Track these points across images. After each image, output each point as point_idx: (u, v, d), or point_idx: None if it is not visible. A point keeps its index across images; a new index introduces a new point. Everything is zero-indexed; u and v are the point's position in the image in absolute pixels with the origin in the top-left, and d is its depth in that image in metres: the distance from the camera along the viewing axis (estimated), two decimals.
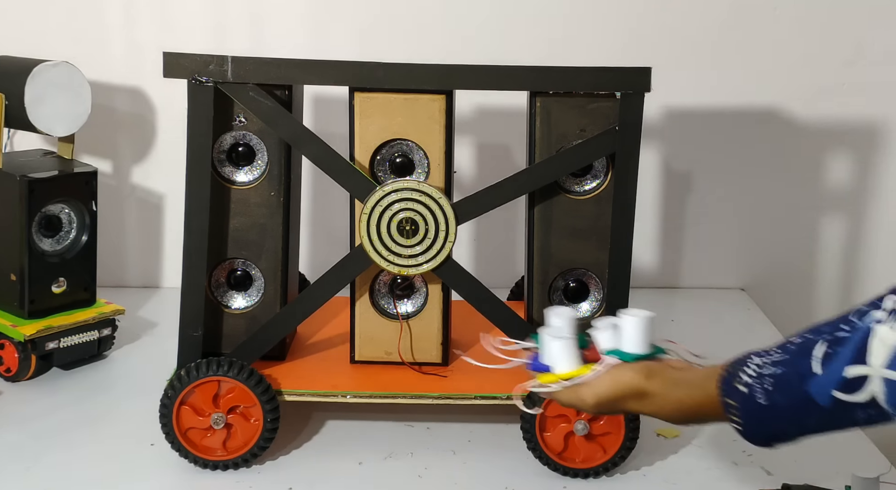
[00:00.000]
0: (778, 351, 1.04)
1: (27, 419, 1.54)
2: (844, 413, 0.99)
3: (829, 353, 0.98)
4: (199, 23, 2.00)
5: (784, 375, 1.02)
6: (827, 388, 0.98)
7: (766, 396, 1.03)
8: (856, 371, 0.96)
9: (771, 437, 1.06)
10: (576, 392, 1.13)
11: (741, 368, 1.06)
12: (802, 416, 1.02)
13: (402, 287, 1.51)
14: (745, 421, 1.06)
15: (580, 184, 1.47)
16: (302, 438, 1.49)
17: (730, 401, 1.06)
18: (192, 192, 1.42)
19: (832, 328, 1.00)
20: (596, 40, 2.01)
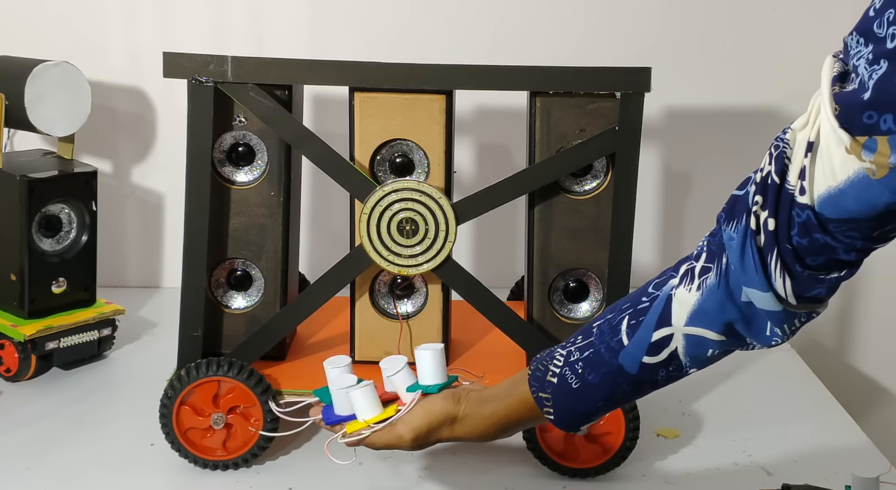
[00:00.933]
0: (581, 336, 1.12)
1: (27, 419, 1.54)
2: (649, 375, 1.08)
3: (633, 323, 1.08)
4: (199, 23, 2.00)
5: (594, 355, 1.10)
6: (636, 355, 1.08)
7: (578, 378, 1.10)
8: (661, 333, 1.06)
9: (582, 417, 1.13)
10: (391, 432, 1.14)
11: (550, 361, 1.13)
12: (613, 388, 1.10)
13: (402, 287, 1.51)
14: (556, 407, 1.12)
15: (580, 184, 1.47)
16: (302, 438, 1.49)
17: (542, 394, 1.12)
18: (192, 192, 1.42)
19: (634, 302, 1.09)
20: (596, 40, 2.02)
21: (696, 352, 1.06)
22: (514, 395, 1.14)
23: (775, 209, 0.98)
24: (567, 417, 1.12)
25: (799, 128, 0.98)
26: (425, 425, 1.14)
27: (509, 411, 1.14)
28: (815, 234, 0.96)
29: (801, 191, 0.96)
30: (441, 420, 1.14)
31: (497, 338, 1.53)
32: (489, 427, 1.15)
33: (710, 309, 1.04)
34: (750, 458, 1.48)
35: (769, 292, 1.00)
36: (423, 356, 1.17)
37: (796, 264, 0.98)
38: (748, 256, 1.00)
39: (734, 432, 1.55)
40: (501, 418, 1.15)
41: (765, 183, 0.99)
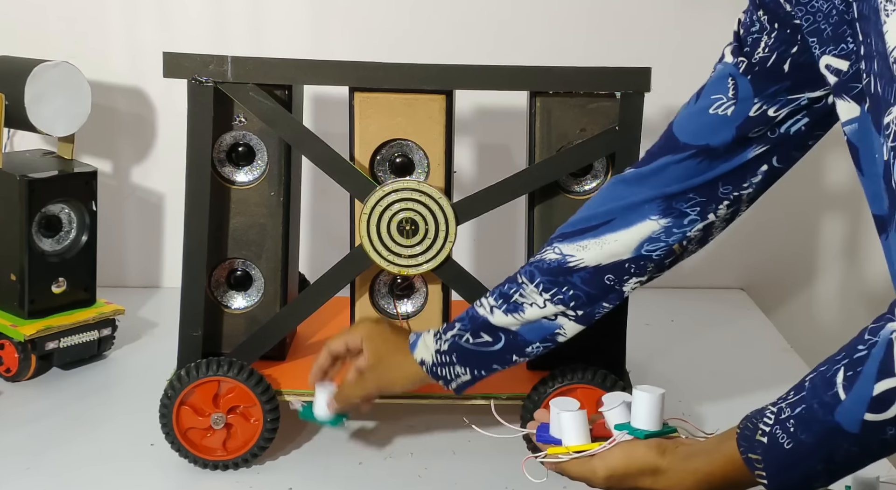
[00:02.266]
0: (793, 391, 1.02)
1: (27, 419, 1.54)
2: (875, 435, 0.96)
3: (850, 375, 0.95)
4: (199, 23, 2.00)
5: (806, 411, 0.99)
6: (856, 412, 0.95)
7: (790, 438, 1.00)
8: (884, 385, 0.93)
9: (800, 482, 1.02)
10: (587, 464, 1.11)
11: (759, 419, 1.03)
12: (831, 449, 0.98)
13: (402, 287, 1.51)
14: (770, 471, 1.02)
15: (580, 184, 1.47)
16: (302, 438, 1.49)
17: (752, 455, 1.03)
18: (192, 192, 1.42)
19: (849, 351, 0.97)
20: (596, 40, 2.01)
21: None
22: (722, 452, 1.05)
23: None
24: (783, 482, 1.01)
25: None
26: (622, 468, 1.10)
27: (715, 469, 1.05)
28: None
29: None
30: (640, 467, 1.09)
31: None
32: (692, 484, 1.07)
33: None
34: None
35: None
36: (639, 398, 1.12)
37: None
38: None
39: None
40: (706, 476, 1.06)
41: None
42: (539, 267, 1.30)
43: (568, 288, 1.28)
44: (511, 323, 1.30)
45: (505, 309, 1.30)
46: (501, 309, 1.31)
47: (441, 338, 1.33)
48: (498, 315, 1.31)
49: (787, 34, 1.13)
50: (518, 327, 1.31)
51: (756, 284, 2.14)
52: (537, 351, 1.32)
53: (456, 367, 1.33)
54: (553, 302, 1.29)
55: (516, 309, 1.30)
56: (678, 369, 1.76)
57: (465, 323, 1.33)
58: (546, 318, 1.30)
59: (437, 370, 1.33)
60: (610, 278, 1.28)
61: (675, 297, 2.09)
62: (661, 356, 1.79)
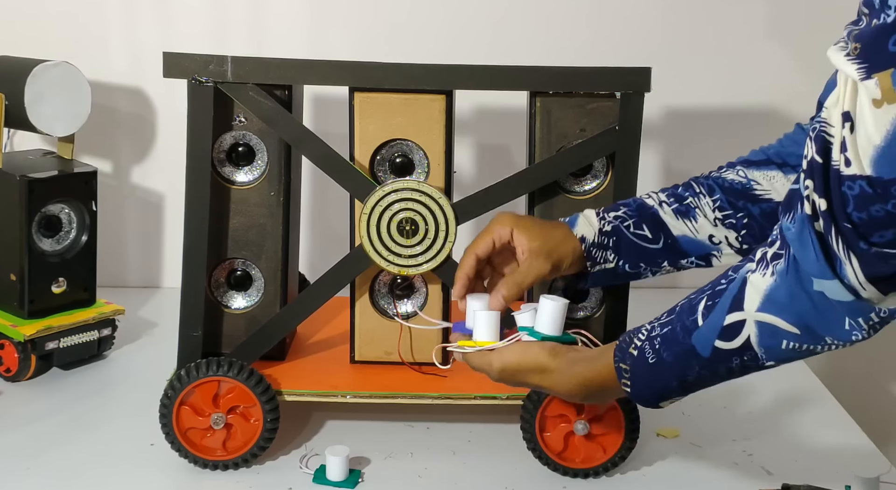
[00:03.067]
0: (666, 313, 1.13)
1: (27, 419, 1.54)
2: (722, 361, 1.07)
3: (709, 305, 1.07)
4: (199, 23, 2.00)
5: (671, 333, 1.10)
6: (708, 338, 1.07)
7: (654, 354, 1.11)
8: (733, 318, 1.04)
9: (658, 395, 1.14)
10: (485, 357, 1.23)
11: (635, 335, 1.14)
12: (685, 369, 1.10)
13: (402, 287, 1.51)
14: (633, 381, 1.14)
15: (580, 184, 1.47)
16: (302, 438, 1.49)
17: (623, 365, 1.14)
18: (192, 192, 1.42)
19: (713, 284, 1.08)
20: (596, 40, 2.02)
21: (770, 343, 1.04)
22: (602, 360, 1.16)
23: (825, 189, 0.95)
24: (642, 392, 1.14)
25: (832, 104, 0.96)
26: (515, 363, 1.20)
27: (594, 375, 1.17)
28: (872, 205, 0.93)
29: (847, 163, 0.93)
30: (531, 365, 1.19)
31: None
32: (574, 386, 1.18)
33: (781, 296, 1.01)
34: (750, 458, 1.48)
35: (835, 280, 0.97)
36: (544, 305, 1.23)
37: (860, 241, 0.94)
38: (808, 244, 0.97)
39: (734, 432, 1.55)
40: (586, 380, 1.17)
41: (811, 166, 0.97)
42: (720, 183, 1.30)
43: (744, 215, 1.29)
44: (677, 227, 1.31)
45: (676, 209, 1.31)
46: (672, 207, 1.31)
47: (605, 219, 1.32)
48: (667, 212, 1.31)
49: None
50: (680, 235, 1.31)
51: None
52: (690, 265, 1.33)
53: (609, 253, 1.32)
54: (724, 224, 1.29)
55: (687, 213, 1.30)
56: None
57: (631, 208, 1.32)
58: (712, 236, 1.30)
59: (593, 250, 1.32)
60: None
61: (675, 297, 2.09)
62: None
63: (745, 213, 1.29)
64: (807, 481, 1.35)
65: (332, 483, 1.37)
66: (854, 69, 0.93)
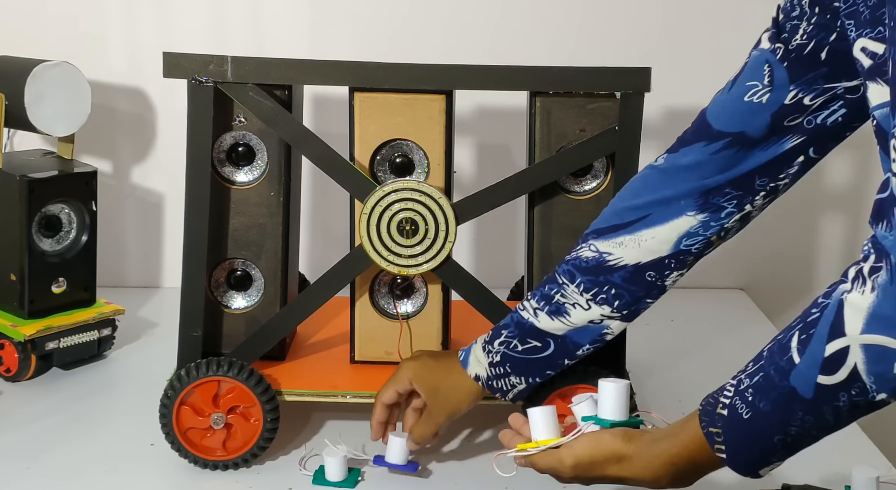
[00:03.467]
0: (752, 362, 1.03)
1: (27, 419, 1.54)
2: (828, 401, 0.96)
3: (803, 338, 0.96)
4: (199, 23, 2.00)
5: (764, 379, 1.00)
6: (809, 374, 0.96)
7: (749, 407, 1.00)
8: (835, 346, 0.94)
9: (759, 456, 1.03)
10: (554, 455, 1.13)
11: (720, 393, 1.04)
12: (787, 417, 0.99)
13: (402, 287, 1.51)
14: (729, 445, 1.02)
15: (580, 184, 1.47)
16: (302, 438, 1.49)
17: (713, 429, 1.03)
18: (192, 192, 1.42)
19: (804, 316, 0.98)
20: (596, 40, 2.01)
21: (881, 369, 0.92)
22: (686, 432, 1.06)
23: None
24: (741, 456, 1.02)
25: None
26: (588, 456, 1.11)
27: (680, 451, 1.06)
28: None
29: None
30: (606, 455, 1.10)
31: None
32: (659, 468, 1.07)
33: (888, 310, 0.90)
34: None
35: None
36: (605, 388, 1.14)
37: None
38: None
39: None
40: (672, 458, 1.06)
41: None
42: (577, 266, 1.29)
43: (609, 287, 1.27)
44: (558, 328, 1.30)
45: (548, 311, 1.30)
46: (545, 311, 1.30)
47: (491, 350, 1.33)
48: (543, 318, 1.30)
49: (826, 20, 1.12)
50: (565, 332, 1.30)
51: (756, 284, 2.14)
52: (587, 352, 1.32)
53: (511, 378, 1.33)
54: (596, 302, 1.28)
55: (560, 311, 1.29)
56: (678, 369, 1.76)
57: (511, 329, 1.32)
58: (592, 321, 1.29)
59: (492, 383, 1.34)
60: (651, 275, 1.27)
61: (675, 297, 2.08)
62: (661, 356, 1.79)
63: (609, 285, 1.27)
64: (807, 481, 1.34)
65: (331, 483, 1.37)
66: None
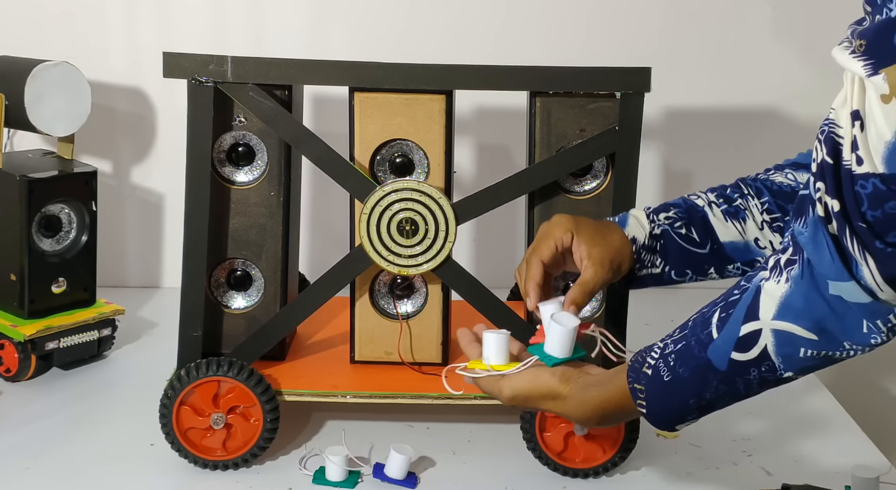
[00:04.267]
0: (678, 329, 1.11)
1: (27, 419, 1.54)
2: (740, 374, 1.05)
3: (723, 317, 1.05)
4: (199, 23, 2.00)
5: (685, 348, 1.08)
6: (724, 350, 1.04)
7: (669, 371, 1.08)
8: (749, 328, 1.03)
9: (675, 415, 1.11)
10: (496, 383, 1.20)
11: (647, 353, 1.12)
12: (703, 385, 1.07)
13: (402, 287, 1.51)
14: (649, 401, 1.11)
15: (580, 184, 1.47)
16: (302, 438, 1.49)
17: (637, 385, 1.11)
18: (192, 192, 1.42)
19: (726, 295, 1.06)
20: (596, 40, 2.02)
21: (788, 351, 1.02)
22: (615, 382, 1.14)
23: (837, 189, 0.94)
24: (658, 413, 1.11)
25: (840, 105, 0.95)
26: (525, 391, 1.18)
27: (608, 397, 1.14)
28: (887, 203, 0.92)
29: (859, 162, 0.92)
30: (543, 392, 1.17)
31: None
32: (589, 410, 1.15)
33: (797, 302, 0.99)
34: (750, 458, 1.48)
35: (851, 281, 0.95)
36: (553, 328, 1.20)
37: (875, 240, 0.93)
38: (822, 246, 0.96)
39: (734, 432, 1.55)
40: (601, 404, 1.14)
41: (821, 168, 0.95)
42: (768, 186, 1.28)
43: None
44: (723, 231, 1.29)
45: (725, 210, 1.28)
46: (721, 208, 1.29)
47: (656, 220, 1.30)
48: (716, 214, 1.29)
49: None
50: (727, 241, 1.29)
51: None
52: (735, 272, 1.31)
53: (656, 257, 1.30)
54: (772, 227, 1.27)
55: (736, 215, 1.28)
56: None
57: (681, 209, 1.30)
58: (758, 240, 1.28)
59: (642, 253, 1.30)
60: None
61: (675, 297, 2.09)
62: None
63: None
64: (807, 481, 1.35)
65: (331, 483, 1.37)
66: (860, 66, 0.92)
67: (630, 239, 1.29)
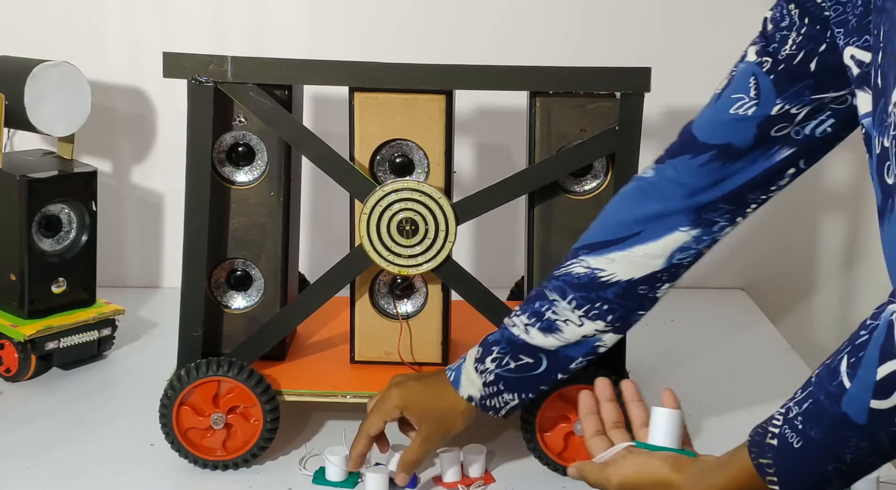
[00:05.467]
0: (801, 389, 0.99)
1: (27, 419, 1.54)
2: (882, 427, 0.92)
3: (853, 362, 0.92)
4: (199, 23, 2.00)
5: (813, 405, 0.96)
6: (861, 399, 0.91)
7: (799, 436, 0.96)
8: (887, 369, 0.89)
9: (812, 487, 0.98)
10: (602, 471, 1.11)
11: (769, 423, 1.01)
12: (840, 444, 0.94)
13: (402, 287, 1.51)
14: (781, 475, 0.98)
15: (580, 184, 1.47)
16: (302, 438, 1.49)
17: (764, 460, 0.99)
18: (192, 192, 1.42)
19: (852, 339, 0.94)
20: (596, 40, 2.01)
21: None
22: (735, 463, 1.03)
23: None
24: (794, 486, 0.98)
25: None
26: (634, 478, 1.08)
27: (729, 482, 1.02)
28: None
29: None
30: (653, 480, 1.07)
31: None
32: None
33: None
34: None
35: None
36: (657, 414, 1.13)
37: None
38: None
39: (734, 432, 1.55)
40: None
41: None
42: (568, 282, 1.28)
43: (602, 303, 1.27)
44: (550, 344, 1.29)
45: (540, 327, 1.29)
46: (536, 327, 1.29)
47: (484, 369, 1.32)
48: (535, 334, 1.29)
49: (816, 30, 1.12)
50: (558, 347, 1.30)
51: (756, 284, 2.14)
52: (581, 366, 1.32)
53: (504, 395, 1.32)
54: (589, 318, 1.28)
55: (552, 328, 1.29)
56: (678, 370, 1.76)
57: (502, 346, 1.31)
58: (585, 335, 1.29)
59: (486, 402, 1.33)
60: (643, 288, 1.27)
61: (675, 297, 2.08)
62: (661, 356, 1.79)
63: (601, 300, 1.27)
64: None
65: (331, 483, 1.37)
66: None
67: (466, 398, 1.32)
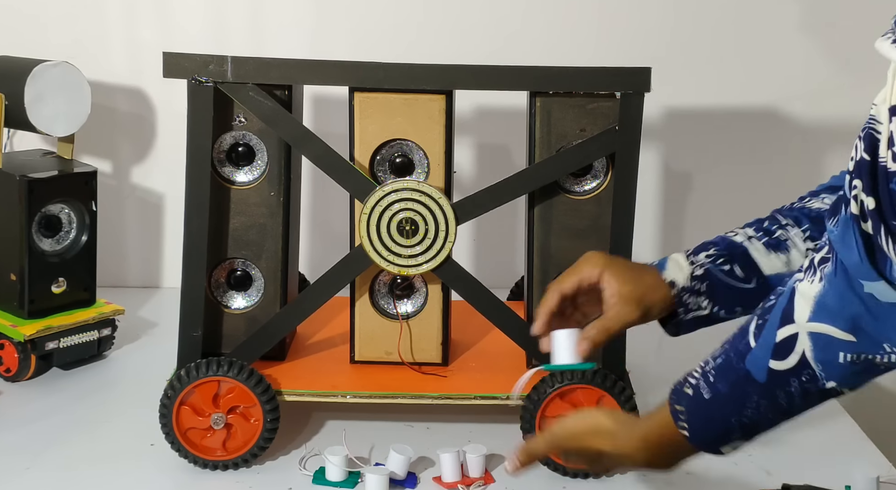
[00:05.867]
0: (719, 347, 1.06)
1: (27, 419, 1.54)
2: (780, 386, 0.99)
3: (759, 323, 1.00)
4: (199, 23, 2.00)
5: (724, 361, 1.03)
6: (762, 359, 0.99)
7: (710, 388, 1.03)
8: (785, 332, 0.98)
9: (718, 436, 1.05)
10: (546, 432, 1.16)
11: (690, 374, 1.07)
12: (743, 400, 1.02)
13: (402, 287, 1.51)
14: (691, 423, 1.05)
15: (580, 184, 1.47)
16: (302, 438, 1.49)
17: (678, 407, 1.06)
18: (192, 192, 1.42)
19: (764, 301, 1.02)
20: (596, 40, 2.02)
21: (827, 357, 0.96)
22: (659, 410, 1.08)
23: (873, 187, 0.90)
24: (701, 434, 1.05)
25: (881, 101, 0.92)
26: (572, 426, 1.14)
27: (652, 426, 1.08)
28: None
29: (894, 158, 0.88)
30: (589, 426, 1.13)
31: (497, 338, 1.53)
32: (635, 442, 1.09)
33: (831, 301, 0.94)
34: (750, 457, 1.48)
35: (881, 281, 0.91)
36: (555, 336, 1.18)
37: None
38: (851, 245, 0.92)
39: None
40: (645, 434, 1.09)
41: (859, 165, 0.91)
42: (806, 213, 1.22)
43: None
44: (767, 263, 1.21)
45: (766, 242, 1.21)
46: (762, 241, 1.21)
47: (695, 261, 1.21)
48: (757, 247, 1.21)
49: None
50: (772, 273, 1.20)
51: None
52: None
53: (702, 298, 1.21)
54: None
55: (779, 246, 1.21)
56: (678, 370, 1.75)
57: (720, 247, 1.22)
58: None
59: (684, 296, 1.21)
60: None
61: None
62: (660, 356, 1.79)
63: None
64: (807, 481, 1.35)
65: (331, 483, 1.37)
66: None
67: (668, 283, 1.21)
